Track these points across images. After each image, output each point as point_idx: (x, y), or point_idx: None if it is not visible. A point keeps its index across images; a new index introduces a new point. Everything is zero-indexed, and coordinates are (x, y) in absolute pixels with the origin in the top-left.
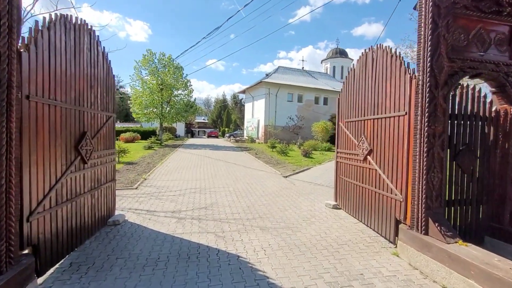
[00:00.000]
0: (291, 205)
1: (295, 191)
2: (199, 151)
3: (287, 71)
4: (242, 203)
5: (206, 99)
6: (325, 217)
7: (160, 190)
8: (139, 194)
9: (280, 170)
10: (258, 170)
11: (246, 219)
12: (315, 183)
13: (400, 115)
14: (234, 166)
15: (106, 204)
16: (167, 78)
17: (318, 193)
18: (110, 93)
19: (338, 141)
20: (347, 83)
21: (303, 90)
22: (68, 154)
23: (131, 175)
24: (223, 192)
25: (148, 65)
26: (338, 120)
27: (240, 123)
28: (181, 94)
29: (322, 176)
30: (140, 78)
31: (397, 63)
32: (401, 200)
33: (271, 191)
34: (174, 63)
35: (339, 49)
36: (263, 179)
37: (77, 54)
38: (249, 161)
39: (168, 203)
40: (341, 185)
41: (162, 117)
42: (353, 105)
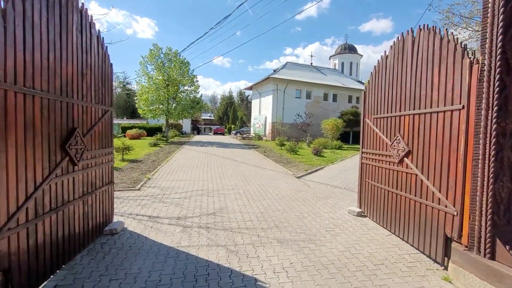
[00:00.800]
0: (309, 211)
1: (312, 194)
2: (206, 149)
3: (295, 67)
4: (255, 208)
5: (212, 96)
6: (350, 227)
7: (164, 191)
8: (141, 196)
9: (292, 170)
10: (269, 170)
11: (260, 229)
12: (331, 185)
13: (453, 109)
14: (243, 165)
15: (102, 211)
16: (173, 74)
17: (337, 196)
18: (106, 84)
19: (363, 140)
20: (377, 74)
21: (312, 86)
22: (52, 155)
23: (135, 174)
24: (233, 194)
25: (154, 60)
26: (364, 116)
27: (247, 120)
28: (187, 90)
29: (337, 177)
30: (146, 74)
31: (450, 46)
32: (454, 214)
33: (285, 194)
34: (180, 58)
35: (348, 45)
36: (274, 180)
37: (64, 34)
38: (258, 159)
39: (172, 207)
40: (367, 190)
41: (168, 113)
42: (384, 98)
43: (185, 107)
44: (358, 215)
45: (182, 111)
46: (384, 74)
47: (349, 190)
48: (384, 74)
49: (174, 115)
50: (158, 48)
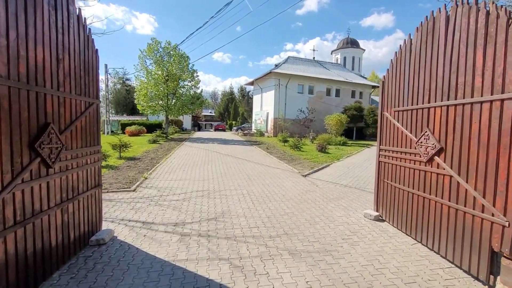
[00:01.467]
0: (321, 215)
1: (321, 195)
2: (207, 146)
3: (297, 61)
4: (260, 212)
5: (213, 92)
6: (369, 233)
7: (161, 192)
8: (136, 198)
9: (297, 168)
10: (273, 168)
11: (268, 237)
12: (341, 184)
13: (505, 98)
14: (245, 162)
15: (87, 219)
16: (173, 68)
17: (349, 197)
18: (91, 73)
19: (381, 136)
20: (399, 61)
21: (314, 81)
22: (15, 156)
23: (131, 173)
24: (236, 196)
25: (153, 54)
26: (382, 109)
27: (248, 116)
28: (187, 85)
29: (346, 176)
30: (144, 68)
31: (500, 22)
32: (505, 225)
33: (292, 194)
34: (180, 52)
35: (350, 39)
36: (280, 179)
37: (31, 9)
38: (260, 156)
39: (169, 211)
40: (386, 192)
41: (168, 109)
42: (408, 88)
43: (185, 103)
44: (376, 220)
45: (182, 107)
46: (408, 60)
47: (360, 190)
48: (408, 60)
49: (173, 111)
50: (156, 42)
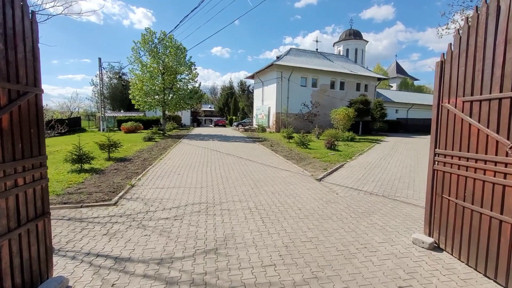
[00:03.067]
0: (355, 240)
1: (346, 208)
2: (206, 143)
3: (300, 53)
4: (275, 237)
5: (212, 87)
6: (431, 274)
7: (148, 207)
8: (115, 216)
9: (308, 169)
10: (280, 169)
11: (292, 285)
12: (365, 192)
13: None
14: (249, 163)
15: (24, 267)
16: (169, 61)
17: (381, 211)
18: (21, 47)
19: (438, 135)
20: (473, 30)
21: (318, 73)
22: None
23: (118, 178)
24: (241, 210)
25: (147, 46)
26: (440, 99)
27: (248, 111)
28: (185, 79)
29: (366, 179)
30: (139, 61)
31: None
32: None
33: (310, 207)
34: (176, 43)
35: (353, 30)
36: (291, 184)
37: None
38: (265, 155)
39: (155, 237)
40: (446, 212)
41: (165, 104)
42: (491, 68)
43: (182, 97)
44: (431, 249)
45: (179, 101)
46: (493, 28)
47: (391, 199)
48: (489, 31)
49: (171, 107)
50: (151, 33)
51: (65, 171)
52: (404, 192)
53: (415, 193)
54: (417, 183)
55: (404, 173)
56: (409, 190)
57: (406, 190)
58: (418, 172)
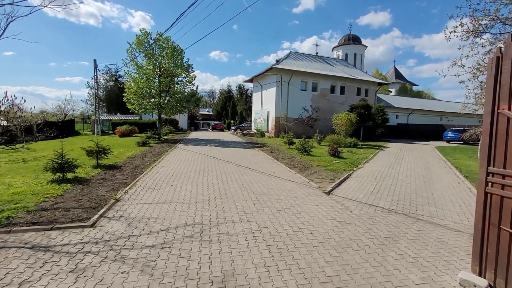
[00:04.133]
0: (386, 280)
1: (365, 231)
2: (203, 149)
3: (300, 57)
4: (286, 277)
5: (210, 91)
6: None
7: (131, 229)
8: (90, 243)
9: (314, 179)
10: (284, 180)
11: None
12: (382, 208)
13: None
14: (249, 172)
15: None
16: (165, 63)
17: (407, 236)
18: None
19: (494, 150)
20: None
21: (318, 77)
22: None
23: (103, 190)
24: (242, 235)
25: (143, 47)
26: (495, 104)
27: (246, 115)
28: (182, 82)
29: (379, 192)
30: (134, 63)
31: None
32: None
33: (323, 230)
34: (173, 45)
35: (352, 35)
36: (297, 199)
37: None
38: (266, 163)
39: (133, 277)
40: (510, 249)
41: (161, 108)
42: None
43: (179, 101)
44: None
45: (176, 104)
46: None
47: (413, 218)
48: None
49: (167, 110)
50: (146, 34)
51: (45, 181)
52: (425, 209)
53: (438, 210)
54: (436, 197)
55: (419, 185)
56: (430, 206)
57: (428, 207)
58: (433, 184)
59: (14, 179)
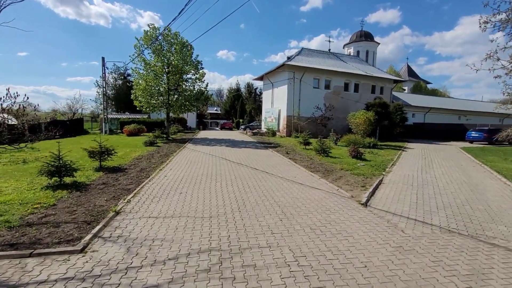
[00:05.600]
0: None
1: (436, 264)
2: (213, 149)
3: (312, 53)
4: None
5: (218, 90)
6: None
7: (131, 257)
8: (74, 280)
9: (342, 186)
10: (309, 187)
11: None
12: (439, 227)
13: None
14: (267, 177)
15: None
16: (174, 59)
17: (496, 271)
18: None
19: None
20: None
21: (332, 74)
22: None
23: (102, 198)
24: (275, 270)
25: (151, 43)
26: None
27: (255, 113)
28: (191, 79)
29: (426, 203)
30: (142, 60)
31: None
32: None
33: (379, 262)
34: (182, 40)
35: (364, 32)
36: (331, 213)
37: None
38: (284, 166)
39: None
40: None
41: (169, 106)
42: None
43: (188, 99)
44: None
45: (184, 102)
46: None
47: (486, 243)
48: None
49: (175, 108)
50: (154, 29)
51: (40, 186)
52: (493, 228)
53: (510, 230)
54: (497, 211)
55: (467, 194)
56: (497, 224)
57: (495, 225)
58: (483, 192)
59: (6, 184)
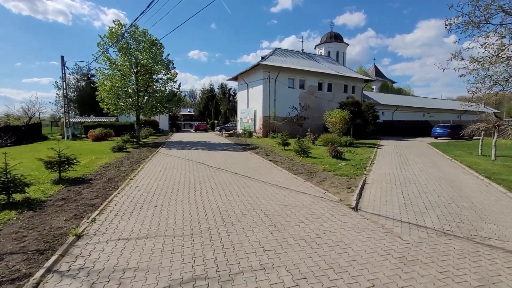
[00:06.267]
0: None
1: (443, 276)
2: (189, 153)
3: (286, 53)
4: None
5: (191, 91)
6: None
7: None
8: None
9: (329, 189)
10: (295, 192)
11: None
12: (435, 230)
13: None
14: (250, 182)
15: None
16: (143, 58)
17: (504, 278)
18: None
19: None
20: None
21: (306, 74)
22: None
23: (59, 219)
24: None
25: (116, 41)
26: None
27: (230, 114)
28: (162, 79)
29: (413, 203)
30: (107, 58)
31: None
32: None
33: (387, 278)
34: (151, 38)
35: (334, 33)
36: (323, 220)
37: None
38: (265, 169)
39: None
40: None
41: (139, 108)
42: None
43: (159, 100)
44: None
45: (156, 104)
46: None
47: (484, 244)
48: None
49: (146, 111)
50: (120, 26)
51: None
52: (484, 227)
53: (501, 229)
54: (481, 208)
55: (449, 191)
56: (487, 223)
57: (484, 224)
58: (462, 188)
59: None
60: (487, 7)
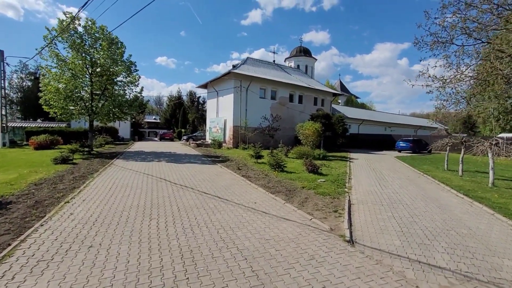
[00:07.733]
0: None
1: None
2: (149, 166)
3: (258, 63)
4: None
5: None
6: None
7: None
8: None
9: (314, 213)
10: (276, 218)
11: None
12: (451, 271)
13: None
14: (222, 205)
15: None
16: (100, 57)
17: None
18: None
19: None
20: None
21: (277, 85)
22: None
23: None
24: None
25: (67, 36)
26: None
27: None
28: (122, 82)
29: (411, 231)
30: (55, 55)
31: None
32: None
33: None
34: (110, 36)
35: (303, 48)
36: (318, 262)
37: None
38: (238, 186)
39: None
40: None
41: (93, 113)
42: None
43: (118, 105)
44: None
45: (113, 109)
46: None
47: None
48: None
49: (101, 116)
50: (72, 19)
51: None
52: (500, 263)
53: None
54: (483, 235)
55: (439, 213)
56: (499, 257)
57: (498, 259)
58: (449, 209)
59: None
60: (453, 27)
